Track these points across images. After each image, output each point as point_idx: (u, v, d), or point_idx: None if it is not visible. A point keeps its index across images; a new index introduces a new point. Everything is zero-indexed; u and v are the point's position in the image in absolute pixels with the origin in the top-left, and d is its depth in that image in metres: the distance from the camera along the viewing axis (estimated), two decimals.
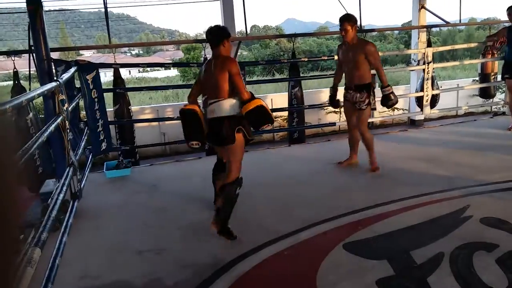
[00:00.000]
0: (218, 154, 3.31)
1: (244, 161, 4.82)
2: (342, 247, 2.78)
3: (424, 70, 5.90)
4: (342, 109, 4.52)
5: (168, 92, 16.06)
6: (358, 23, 7.30)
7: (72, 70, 4.10)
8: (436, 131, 5.89)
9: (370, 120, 6.56)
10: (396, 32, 31.04)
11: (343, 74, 4.28)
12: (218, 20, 7.28)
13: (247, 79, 7.31)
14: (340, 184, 3.91)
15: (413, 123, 8.97)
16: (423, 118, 8.44)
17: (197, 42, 6.95)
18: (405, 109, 9.25)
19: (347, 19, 4.01)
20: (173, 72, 27.44)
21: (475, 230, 2.90)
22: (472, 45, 7.65)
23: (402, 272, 2.48)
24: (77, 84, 4.57)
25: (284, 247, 2.83)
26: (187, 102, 3.19)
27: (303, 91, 6.97)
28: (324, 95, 9.32)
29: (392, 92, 4.11)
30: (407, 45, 22.66)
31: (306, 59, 7.17)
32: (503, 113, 6.48)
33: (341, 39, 4.24)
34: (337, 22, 4.12)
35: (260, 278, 2.53)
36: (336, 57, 7.24)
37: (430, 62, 5.82)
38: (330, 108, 9.24)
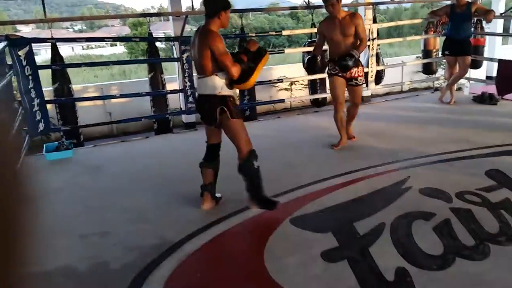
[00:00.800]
0: (207, 135, 3.03)
1: (193, 139, 4.77)
2: (290, 222, 2.82)
3: (368, 46, 6.01)
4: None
5: (115, 69, 15.43)
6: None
7: (1, 45, 3.78)
8: (381, 106, 6.08)
9: (322, 95, 6.66)
10: (346, 9, 31.42)
11: (329, 49, 4.12)
12: None
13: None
14: (288, 160, 3.94)
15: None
16: (370, 94, 8.68)
17: (140, 16, 6.65)
18: None
19: None
20: (120, 48, 26.32)
21: (414, 200, 3.03)
22: (416, 21, 7.88)
23: (345, 243, 2.56)
24: (9, 61, 4.24)
25: (233, 224, 2.83)
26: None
27: None
28: (275, 72, 9.30)
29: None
30: None
31: (253, 35, 7.00)
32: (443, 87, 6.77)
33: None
34: None
35: (208, 256, 2.52)
36: (288, 32, 7.20)
37: (375, 38, 5.94)
38: (281, 85, 9.28)
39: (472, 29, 7.48)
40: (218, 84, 2.74)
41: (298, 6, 7.31)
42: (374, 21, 7.76)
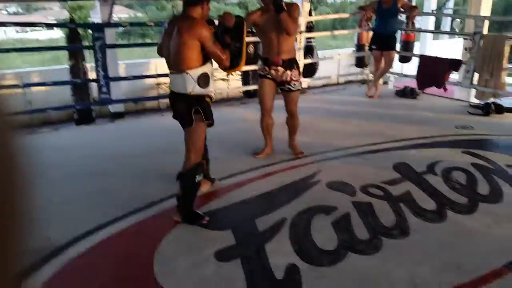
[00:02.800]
0: None
1: (112, 131, 4.51)
2: (178, 211, 2.70)
3: (296, 39, 5.96)
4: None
5: (48, 54, 14.55)
6: None
7: None
8: (310, 99, 6.09)
9: (250, 87, 6.57)
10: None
11: (262, 46, 3.59)
12: None
13: (115, 42, 6.84)
14: None
15: None
16: (306, 86, 8.75)
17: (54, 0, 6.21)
18: None
19: None
20: (58, 33, 24.84)
21: (320, 194, 3.03)
22: (343, 15, 7.98)
23: (242, 241, 2.49)
24: None
25: (127, 225, 2.67)
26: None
27: None
28: None
29: None
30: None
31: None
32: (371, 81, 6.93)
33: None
34: None
35: (92, 261, 2.34)
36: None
37: (302, 32, 5.92)
38: (219, 75, 9.14)
39: (404, 25, 7.74)
40: (189, 83, 2.54)
41: None
42: (310, 14, 7.80)
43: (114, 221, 2.67)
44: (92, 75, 5.71)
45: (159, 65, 8.48)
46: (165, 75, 6.72)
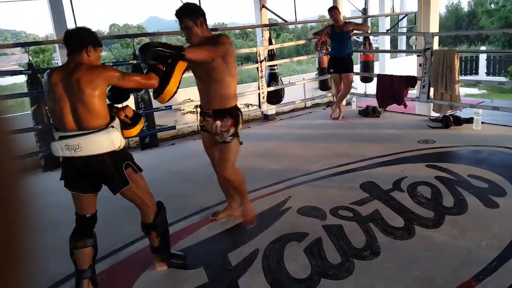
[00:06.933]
0: (82, 205, 2.36)
1: None
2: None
3: (257, 68, 6.10)
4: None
5: (11, 100, 14.22)
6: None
7: None
8: (275, 125, 6.19)
9: None
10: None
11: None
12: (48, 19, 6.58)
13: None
14: (173, 192, 3.78)
15: (266, 117, 9.36)
16: (274, 112, 8.88)
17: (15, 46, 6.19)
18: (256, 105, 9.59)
19: (185, 13, 2.65)
20: (22, 77, 24.45)
21: (291, 221, 3.04)
22: (300, 42, 8.23)
23: (215, 277, 2.46)
24: None
25: (101, 269, 2.60)
26: None
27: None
28: (179, 96, 9.16)
29: None
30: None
31: (134, 62, 6.26)
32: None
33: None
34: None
35: None
36: None
37: (262, 60, 6.05)
38: (187, 109, 9.15)
39: (362, 46, 8.04)
40: (116, 136, 2.20)
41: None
42: (270, 42, 8.00)
43: None
44: None
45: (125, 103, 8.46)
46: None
